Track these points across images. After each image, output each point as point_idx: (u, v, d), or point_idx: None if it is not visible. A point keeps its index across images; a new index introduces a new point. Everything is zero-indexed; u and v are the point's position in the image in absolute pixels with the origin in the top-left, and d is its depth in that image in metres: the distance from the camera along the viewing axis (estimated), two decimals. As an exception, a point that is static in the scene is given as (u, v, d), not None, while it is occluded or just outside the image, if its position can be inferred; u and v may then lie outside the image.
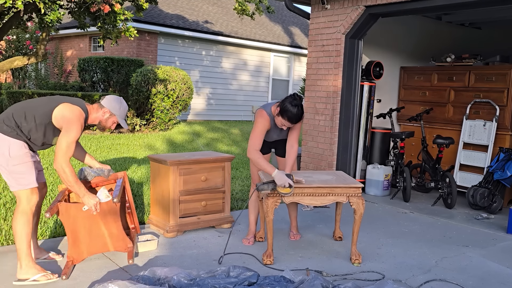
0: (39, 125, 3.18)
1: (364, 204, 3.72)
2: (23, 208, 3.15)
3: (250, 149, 3.76)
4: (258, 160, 3.70)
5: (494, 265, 3.86)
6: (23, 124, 3.16)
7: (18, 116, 3.17)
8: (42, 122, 3.19)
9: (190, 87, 11.24)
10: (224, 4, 17.11)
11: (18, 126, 3.14)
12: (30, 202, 3.17)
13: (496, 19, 7.16)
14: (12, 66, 6.69)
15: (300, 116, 3.72)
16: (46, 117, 3.19)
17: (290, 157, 3.87)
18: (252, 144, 3.77)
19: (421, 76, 6.97)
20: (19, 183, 3.15)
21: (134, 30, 6.82)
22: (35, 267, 3.18)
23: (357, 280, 3.44)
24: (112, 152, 8.15)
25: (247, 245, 4.13)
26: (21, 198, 3.16)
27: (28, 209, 3.16)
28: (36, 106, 3.22)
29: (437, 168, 5.95)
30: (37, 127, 3.18)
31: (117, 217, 3.53)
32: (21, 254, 3.15)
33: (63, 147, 3.12)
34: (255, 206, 4.29)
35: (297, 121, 3.74)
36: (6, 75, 14.48)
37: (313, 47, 6.44)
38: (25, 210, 3.15)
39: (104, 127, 3.45)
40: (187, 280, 3.09)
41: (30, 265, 3.16)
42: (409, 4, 5.32)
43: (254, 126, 3.85)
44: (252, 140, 3.79)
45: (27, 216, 3.16)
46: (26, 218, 3.15)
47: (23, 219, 3.14)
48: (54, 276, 3.22)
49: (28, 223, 3.16)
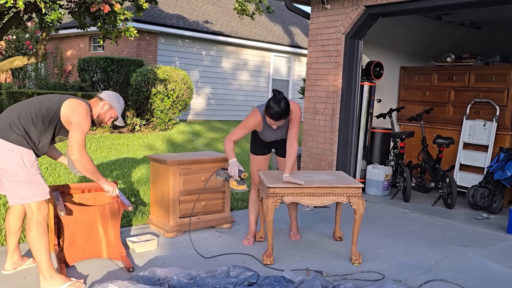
0: (49, 126, 3.09)
1: (364, 204, 3.71)
2: (37, 218, 3.03)
3: (227, 137, 3.84)
4: (226, 147, 3.77)
5: (494, 265, 3.86)
6: (31, 129, 3.04)
7: (25, 121, 3.03)
8: (51, 122, 3.08)
9: (190, 87, 11.23)
10: (224, 4, 17.11)
11: (26, 132, 3.02)
12: (44, 212, 3.07)
13: (496, 19, 7.16)
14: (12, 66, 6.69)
15: (281, 112, 3.62)
16: (54, 117, 3.08)
17: (290, 157, 3.78)
18: (232, 133, 3.86)
19: (421, 76, 6.97)
20: (43, 192, 3.05)
21: (134, 30, 6.81)
22: (60, 277, 3.06)
23: (357, 280, 3.44)
24: (112, 152, 8.15)
25: (247, 245, 4.12)
26: (34, 209, 3.03)
27: (42, 219, 3.04)
28: (41, 107, 3.08)
29: (437, 168, 5.95)
30: (46, 129, 3.08)
31: (117, 224, 3.54)
32: (42, 267, 3.02)
33: (79, 140, 3.06)
34: (255, 206, 4.29)
35: (279, 118, 3.66)
36: (6, 75, 14.47)
37: (313, 47, 6.43)
38: (40, 221, 3.03)
39: (102, 121, 3.35)
40: (187, 280, 3.08)
41: (54, 276, 3.04)
42: (409, 4, 5.32)
43: (244, 120, 3.91)
44: (234, 130, 3.88)
45: (43, 227, 3.04)
46: (42, 229, 3.04)
47: (40, 230, 3.02)
48: (81, 282, 3.11)
49: (45, 233, 3.05)
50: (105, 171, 6.57)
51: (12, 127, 2.99)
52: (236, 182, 3.60)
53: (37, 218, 3.03)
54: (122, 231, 4.25)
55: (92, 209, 3.49)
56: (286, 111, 3.66)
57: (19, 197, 3.01)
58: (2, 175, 3.01)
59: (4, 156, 2.96)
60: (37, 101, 3.14)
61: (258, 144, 4.15)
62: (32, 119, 3.04)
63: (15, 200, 3.03)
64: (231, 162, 3.69)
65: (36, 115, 3.05)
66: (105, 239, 3.52)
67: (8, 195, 3.04)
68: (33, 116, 3.05)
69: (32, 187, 3.01)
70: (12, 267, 3.34)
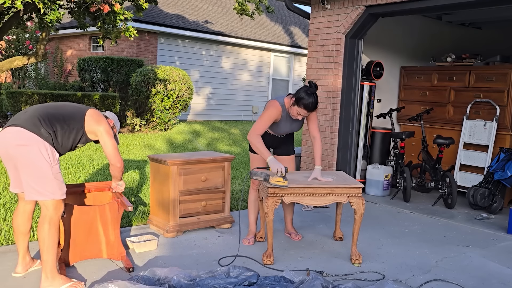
0: (73, 130, 3.14)
1: (364, 204, 3.71)
2: (52, 217, 3.02)
3: (252, 132, 3.75)
4: (257, 143, 3.70)
5: (495, 265, 3.86)
6: (58, 128, 3.08)
7: (55, 120, 3.08)
8: (77, 127, 3.16)
9: (190, 87, 11.23)
10: (224, 4, 17.10)
11: (54, 131, 3.05)
12: (59, 211, 3.06)
13: (497, 19, 7.16)
14: (12, 66, 6.69)
15: (315, 103, 3.74)
16: (80, 122, 3.17)
17: (318, 149, 3.94)
18: (255, 128, 3.76)
19: (422, 76, 6.96)
20: (62, 191, 3.05)
21: (134, 30, 6.81)
22: (61, 277, 3.06)
23: (357, 280, 3.43)
24: (112, 152, 8.14)
25: (247, 245, 4.12)
26: (50, 206, 3.01)
27: (56, 218, 3.04)
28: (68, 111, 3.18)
29: (438, 168, 5.94)
30: (71, 132, 3.13)
31: (117, 225, 3.54)
32: (47, 266, 3.00)
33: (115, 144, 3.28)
34: (255, 206, 4.28)
35: (313, 109, 3.75)
36: (5, 75, 14.47)
37: (313, 47, 6.43)
38: (54, 219, 3.03)
39: None
40: (187, 280, 3.08)
41: (56, 276, 3.03)
42: (409, 4, 5.32)
43: (263, 113, 3.83)
44: (256, 124, 3.78)
45: (56, 226, 3.04)
46: (55, 227, 3.03)
47: (52, 229, 3.01)
48: (82, 284, 3.10)
49: (57, 233, 3.05)
50: (105, 171, 6.57)
51: (41, 122, 3.01)
52: (282, 178, 3.53)
53: (51, 217, 3.02)
54: (122, 231, 4.25)
55: (92, 209, 3.49)
56: (317, 102, 3.79)
57: (38, 193, 2.98)
58: (22, 169, 2.97)
59: (30, 149, 2.94)
60: (65, 105, 3.27)
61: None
62: (60, 120, 3.10)
63: (33, 195, 2.99)
64: (270, 159, 3.60)
65: (64, 117, 3.13)
66: (105, 239, 3.52)
67: (27, 190, 2.99)
68: (61, 118, 3.11)
69: (54, 184, 3.00)
70: (24, 269, 3.31)
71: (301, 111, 3.74)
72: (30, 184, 2.98)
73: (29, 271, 3.33)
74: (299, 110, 3.75)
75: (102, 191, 3.84)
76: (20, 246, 3.29)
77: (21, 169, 2.98)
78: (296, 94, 3.75)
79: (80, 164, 6.94)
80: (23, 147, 2.94)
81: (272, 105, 3.84)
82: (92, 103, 10.01)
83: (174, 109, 11.10)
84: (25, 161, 2.95)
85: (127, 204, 3.40)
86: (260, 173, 3.60)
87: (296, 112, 3.78)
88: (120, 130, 10.83)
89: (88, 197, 3.82)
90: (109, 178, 6.21)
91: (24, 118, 3.03)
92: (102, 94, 10.25)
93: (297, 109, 3.75)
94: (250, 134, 3.76)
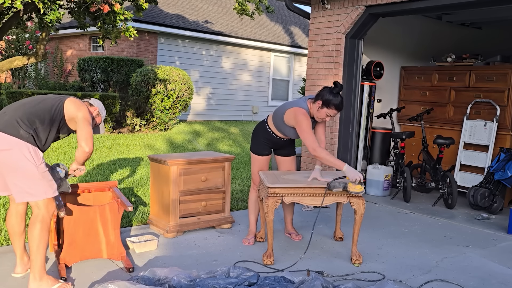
0: (54, 123, 3.10)
1: (364, 205, 3.71)
2: (44, 216, 3.00)
3: (315, 147, 3.66)
4: (328, 156, 3.63)
5: (495, 265, 3.86)
6: (38, 126, 3.03)
7: (33, 118, 3.02)
8: (56, 119, 3.11)
9: (190, 87, 11.22)
10: (224, 4, 17.10)
11: (34, 130, 3.00)
12: (51, 210, 3.04)
13: (497, 19, 7.15)
14: (12, 66, 6.68)
15: (343, 102, 3.80)
16: (59, 114, 3.12)
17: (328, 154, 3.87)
18: (312, 142, 3.68)
19: (422, 76, 6.96)
20: (53, 189, 3.03)
21: (134, 30, 6.81)
22: (49, 278, 3.05)
23: (357, 280, 3.43)
24: (112, 152, 8.14)
25: (248, 245, 4.12)
26: (41, 206, 2.99)
27: (48, 217, 3.02)
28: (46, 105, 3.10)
29: (438, 168, 5.94)
30: (51, 126, 3.09)
31: (117, 225, 3.54)
32: (35, 266, 2.98)
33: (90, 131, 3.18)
34: (255, 206, 4.28)
35: (342, 108, 3.80)
36: (5, 75, 14.47)
37: (313, 47, 6.43)
38: (46, 219, 3.01)
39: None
40: (187, 281, 3.08)
41: (44, 277, 3.02)
42: (410, 4, 5.31)
43: (301, 125, 3.74)
44: (309, 139, 3.70)
45: (48, 225, 3.02)
46: (47, 227, 3.01)
47: (44, 228, 2.99)
48: (69, 284, 3.10)
49: (47, 233, 3.03)
50: (105, 171, 6.56)
51: (19, 123, 2.97)
52: (360, 184, 3.54)
53: (43, 216, 3.00)
54: (122, 231, 4.24)
55: (92, 209, 3.49)
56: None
57: (29, 194, 2.96)
58: (7, 173, 2.95)
59: (13, 152, 2.91)
60: (41, 98, 3.17)
61: (261, 144, 4.12)
62: (39, 116, 3.05)
63: (24, 197, 2.98)
64: (347, 168, 3.58)
65: (44, 111, 3.08)
66: (105, 239, 3.52)
67: (16, 192, 2.97)
68: (40, 113, 3.06)
69: (43, 183, 2.98)
70: (24, 269, 3.30)
71: (331, 112, 3.77)
72: (20, 186, 2.95)
73: (28, 271, 3.31)
74: (328, 112, 3.76)
75: (102, 191, 3.84)
76: (16, 247, 3.28)
77: (6, 174, 2.95)
78: (322, 97, 3.75)
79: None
80: (4, 152, 2.90)
81: (301, 113, 3.76)
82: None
83: (174, 109, 11.09)
84: (9, 166, 2.92)
85: (127, 204, 3.40)
86: (339, 184, 3.60)
87: (325, 114, 3.78)
88: (120, 130, 10.83)
89: (88, 197, 3.83)
90: (109, 178, 6.21)
91: (2, 121, 2.97)
92: (102, 94, 10.24)
93: (327, 111, 3.76)
94: (315, 150, 3.65)
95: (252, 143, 4.19)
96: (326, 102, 3.74)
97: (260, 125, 4.15)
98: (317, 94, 3.81)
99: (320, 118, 3.83)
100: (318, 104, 3.77)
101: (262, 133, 4.11)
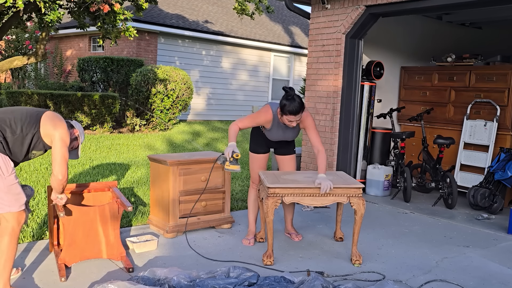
0: (26, 135, 2.93)
1: (364, 205, 3.70)
2: (14, 228, 2.88)
3: (234, 122, 3.87)
4: (230, 131, 3.82)
5: (495, 265, 3.85)
6: (8, 135, 2.88)
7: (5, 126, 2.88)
8: (30, 131, 2.94)
9: (190, 87, 11.22)
10: (224, 3, 17.09)
11: (4, 138, 2.86)
12: (21, 222, 2.92)
13: (497, 19, 7.15)
14: (12, 66, 6.68)
15: (300, 105, 3.71)
16: (35, 125, 2.95)
17: (322, 161, 3.78)
18: (239, 119, 3.91)
19: (422, 76, 6.96)
20: (20, 203, 2.89)
21: (134, 30, 6.81)
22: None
23: (357, 280, 3.43)
24: (112, 152, 8.14)
25: (248, 245, 4.11)
26: (11, 219, 2.87)
27: (18, 229, 2.91)
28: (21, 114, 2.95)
29: (438, 168, 5.94)
30: (24, 138, 2.92)
31: (117, 225, 3.53)
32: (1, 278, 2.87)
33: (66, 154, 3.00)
34: (254, 205, 4.28)
35: (299, 110, 3.71)
36: (5, 75, 14.46)
37: (313, 47, 6.42)
38: (16, 231, 2.90)
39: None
40: (187, 281, 3.07)
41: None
42: (410, 4, 5.31)
43: (254, 113, 3.94)
44: (243, 118, 3.91)
45: (16, 237, 2.91)
46: (15, 239, 2.90)
47: (13, 241, 2.88)
48: None
49: (16, 245, 2.92)
50: (104, 171, 6.56)
51: None
52: (229, 162, 3.71)
53: (13, 228, 2.88)
54: (122, 231, 4.24)
55: (91, 210, 3.48)
56: (302, 103, 3.75)
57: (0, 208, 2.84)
58: None
59: None
60: (17, 109, 3.03)
61: (259, 143, 4.14)
62: (11, 124, 2.90)
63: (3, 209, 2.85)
64: (229, 145, 3.76)
65: (15, 120, 2.93)
66: (105, 240, 3.51)
67: None
68: (12, 122, 2.91)
69: (8, 197, 2.84)
70: None
71: (290, 117, 3.74)
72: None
73: None
74: (288, 118, 3.76)
75: (101, 191, 3.83)
76: None
77: None
78: (280, 104, 3.78)
79: (80, 164, 6.93)
80: None
81: (264, 109, 3.93)
82: (92, 103, 10.00)
83: (174, 109, 11.09)
84: None
85: (126, 204, 3.39)
86: (222, 158, 3.82)
87: (287, 120, 3.79)
88: (120, 130, 10.83)
89: (88, 197, 3.82)
90: (109, 178, 6.20)
91: None
92: (102, 94, 10.24)
93: (286, 117, 3.77)
94: (232, 123, 3.87)
95: (250, 142, 4.23)
96: (282, 109, 3.76)
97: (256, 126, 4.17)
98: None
99: (286, 123, 3.84)
100: (279, 112, 3.83)
101: (258, 132, 4.15)
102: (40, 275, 3.29)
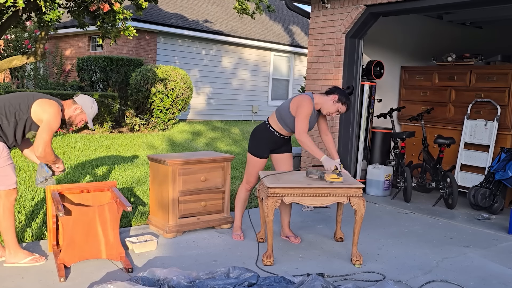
0: (19, 121, 3.24)
1: (365, 205, 3.69)
2: (5, 203, 3.30)
3: (301, 132, 3.79)
4: (310, 144, 3.78)
5: (496, 265, 3.84)
6: (4, 122, 3.21)
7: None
8: (22, 117, 3.24)
9: (189, 86, 11.20)
10: (224, 3, 17.07)
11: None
12: (11, 197, 3.33)
13: (497, 18, 7.13)
14: (11, 65, 6.67)
15: None
16: (26, 113, 3.24)
17: (331, 144, 4.07)
18: (301, 127, 3.80)
19: (422, 76, 6.94)
20: (3, 183, 3.27)
21: (134, 29, 6.79)
22: (23, 252, 3.42)
23: (357, 280, 3.41)
24: (111, 152, 8.13)
25: (239, 240, 4.17)
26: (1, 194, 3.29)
27: (9, 204, 3.32)
28: (14, 102, 3.25)
29: (438, 168, 5.92)
30: (17, 124, 3.24)
31: (116, 225, 3.52)
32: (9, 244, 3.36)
33: (46, 138, 3.24)
34: (242, 204, 4.37)
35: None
36: (4, 75, 14.44)
37: (314, 46, 6.41)
38: (7, 205, 3.32)
39: (73, 122, 3.54)
40: (186, 281, 3.06)
41: (19, 251, 3.40)
42: (410, 3, 5.30)
43: (302, 111, 3.82)
44: (300, 123, 3.81)
45: (10, 210, 3.33)
46: (9, 211, 3.33)
47: (7, 213, 3.32)
48: (42, 258, 3.45)
49: (12, 215, 3.35)
50: (104, 171, 6.55)
51: None
52: (337, 175, 3.66)
53: (4, 203, 3.31)
54: (121, 231, 4.23)
55: (91, 210, 3.47)
56: None
57: None
58: None
59: None
60: (11, 96, 3.32)
61: (263, 148, 4.09)
62: (6, 113, 3.21)
63: None
64: (325, 158, 3.75)
65: (10, 109, 3.23)
66: (104, 240, 3.50)
67: None
68: (7, 110, 3.22)
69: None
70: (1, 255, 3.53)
71: (343, 109, 3.90)
72: None
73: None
74: (341, 108, 3.89)
75: (101, 191, 3.81)
76: None
77: None
78: (339, 94, 3.87)
79: (80, 164, 6.92)
80: None
81: (306, 101, 3.86)
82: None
83: (173, 109, 11.07)
84: None
85: (126, 204, 3.38)
86: (316, 171, 3.77)
87: (336, 109, 3.90)
88: (120, 129, 10.81)
89: (87, 197, 3.80)
90: (109, 178, 6.19)
91: None
92: (101, 93, 10.22)
93: (340, 107, 3.88)
94: (300, 134, 3.78)
95: (251, 145, 4.14)
96: (342, 99, 3.87)
97: (261, 127, 4.12)
98: (330, 90, 3.92)
99: (328, 112, 3.92)
100: (334, 98, 3.88)
101: (264, 134, 4.08)
102: (39, 275, 3.28)
